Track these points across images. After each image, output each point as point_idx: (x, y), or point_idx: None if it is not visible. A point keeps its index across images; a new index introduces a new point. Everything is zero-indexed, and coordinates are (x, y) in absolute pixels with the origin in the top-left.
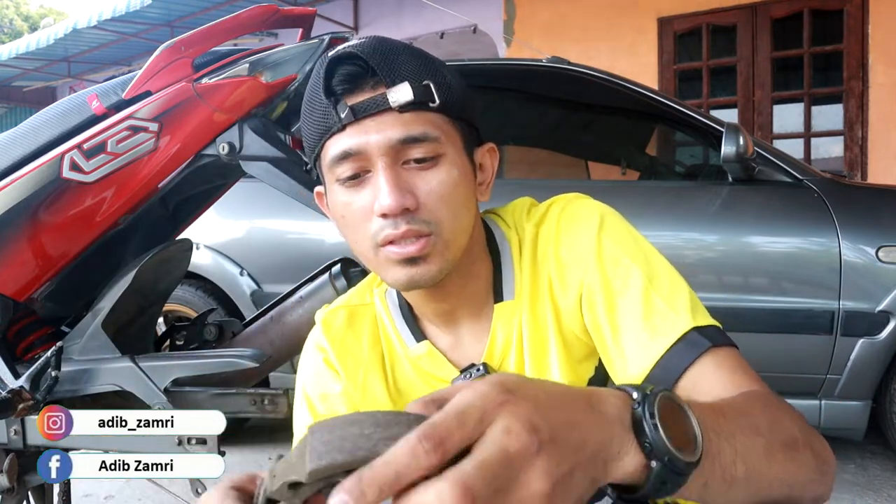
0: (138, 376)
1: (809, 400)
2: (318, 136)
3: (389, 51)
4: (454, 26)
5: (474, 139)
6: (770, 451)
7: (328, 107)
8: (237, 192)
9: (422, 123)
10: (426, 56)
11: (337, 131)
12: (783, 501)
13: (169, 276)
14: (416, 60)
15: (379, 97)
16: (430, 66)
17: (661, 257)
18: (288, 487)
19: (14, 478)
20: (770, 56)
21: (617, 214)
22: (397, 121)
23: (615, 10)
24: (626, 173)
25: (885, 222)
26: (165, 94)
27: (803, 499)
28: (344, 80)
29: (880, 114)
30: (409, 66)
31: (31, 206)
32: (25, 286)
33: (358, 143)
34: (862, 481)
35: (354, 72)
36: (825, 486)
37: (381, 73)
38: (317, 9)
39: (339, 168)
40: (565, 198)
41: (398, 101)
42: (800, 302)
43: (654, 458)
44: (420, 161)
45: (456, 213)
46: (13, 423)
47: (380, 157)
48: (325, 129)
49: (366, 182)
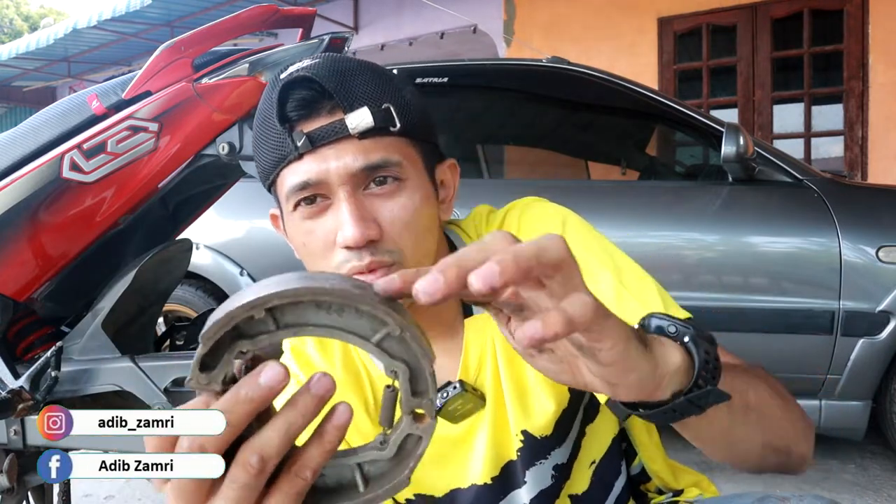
0: (138, 376)
1: (809, 400)
2: (273, 165)
3: (345, 71)
4: (454, 26)
5: (435, 156)
6: (773, 394)
7: (282, 134)
8: (237, 192)
9: (383, 149)
10: (383, 74)
11: (293, 160)
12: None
13: (169, 276)
14: (373, 81)
15: (337, 123)
16: (388, 85)
17: (626, 257)
18: (200, 371)
19: (14, 478)
20: (770, 56)
21: (577, 216)
22: (357, 148)
23: (615, 10)
24: (626, 173)
25: (885, 222)
26: (165, 94)
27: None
28: (298, 105)
29: (880, 114)
30: (366, 88)
31: (31, 206)
32: (25, 286)
33: (317, 172)
34: (862, 481)
35: (309, 96)
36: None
37: (337, 97)
38: (317, 9)
39: (297, 197)
40: (523, 202)
41: (358, 128)
42: (800, 302)
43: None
44: (381, 183)
45: (419, 238)
46: (13, 423)
47: (340, 186)
48: (280, 157)
49: (326, 209)
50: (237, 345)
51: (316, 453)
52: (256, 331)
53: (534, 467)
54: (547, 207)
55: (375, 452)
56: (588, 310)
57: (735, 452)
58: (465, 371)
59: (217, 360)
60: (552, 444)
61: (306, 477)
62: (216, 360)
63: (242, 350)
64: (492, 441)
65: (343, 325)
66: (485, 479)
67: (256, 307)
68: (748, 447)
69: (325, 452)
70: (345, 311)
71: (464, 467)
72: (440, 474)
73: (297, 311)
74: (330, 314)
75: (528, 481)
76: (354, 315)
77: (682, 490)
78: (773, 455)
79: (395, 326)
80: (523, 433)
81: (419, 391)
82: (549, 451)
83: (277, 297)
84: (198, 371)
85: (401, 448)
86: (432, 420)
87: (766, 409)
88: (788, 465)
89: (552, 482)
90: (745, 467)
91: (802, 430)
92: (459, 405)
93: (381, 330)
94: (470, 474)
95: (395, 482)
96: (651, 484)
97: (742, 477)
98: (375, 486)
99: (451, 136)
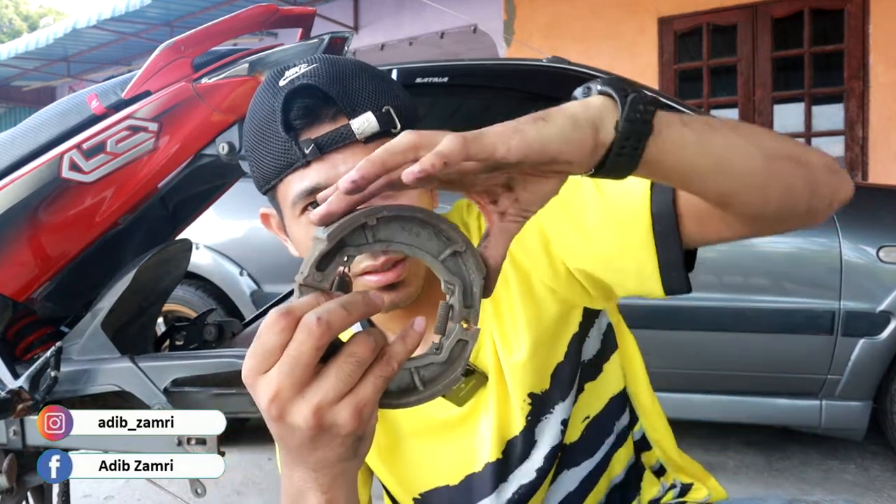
0: (138, 376)
1: (810, 400)
2: (278, 172)
3: (345, 76)
4: (454, 26)
5: None
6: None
7: (288, 142)
8: (237, 192)
9: None
10: (379, 75)
11: (301, 167)
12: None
13: (169, 276)
14: (372, 84)
15: (343, 129)
16: (385, 87)
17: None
18: (317, 270)
19: (13, 478)
20: (770, 56)
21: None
22: (364, 151)
23: (615, 10)
24: None
25: (885, 222)
26: (165, 93)
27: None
28: (303, 113)
29: (881, 114)
30: (366, 92)
31: (31, 206)
32: (25, 286)
33: (326, 177)
34: (862, 481)
35: (312, 104)
36: (842, 180)
37: (340, 103)
38: (317, 9)
39: (306, 202)
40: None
41: (364, 133)
42: (800, 302)
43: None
44: None
45: None
46: (12, 423)
47: None
48: (286, 164)
49: None
50: (345, 251)
51: (401, 349)
52: (358, 241)
53: (541, 422)
54: None
55: (431, 357)
56: (452, 138)
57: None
58: None
59: (329, 263)
60: (554, 398)
61: (394, 366)
62: (327, 263)
63: (346, 258)
64: (497, 417)
65: (419, 245)
66: (496, 455)
67: (370, 216)
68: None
69: (408, 350)
70: (421, 233)
71: (472, 450)
72: (451, 461)
73: (388, 228)
74: (410, 234)
75: (539, 439)
76: (427, 236)
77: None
78: (782, 161)
79: (461, 244)
80: (530, 395)
81: (469, 304)
82: (553, 405)
83: (385, 209)
84: (314, 269)
85: (451, 352)
86: (477, 328)
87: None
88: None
89: (561, 437)
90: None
91: (825, 164)
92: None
93: (447, 249)
94: (480, 455)
95: (448, 380)
96: (651, 455)
97: (742, 476)
98: (431, 385)
99: None
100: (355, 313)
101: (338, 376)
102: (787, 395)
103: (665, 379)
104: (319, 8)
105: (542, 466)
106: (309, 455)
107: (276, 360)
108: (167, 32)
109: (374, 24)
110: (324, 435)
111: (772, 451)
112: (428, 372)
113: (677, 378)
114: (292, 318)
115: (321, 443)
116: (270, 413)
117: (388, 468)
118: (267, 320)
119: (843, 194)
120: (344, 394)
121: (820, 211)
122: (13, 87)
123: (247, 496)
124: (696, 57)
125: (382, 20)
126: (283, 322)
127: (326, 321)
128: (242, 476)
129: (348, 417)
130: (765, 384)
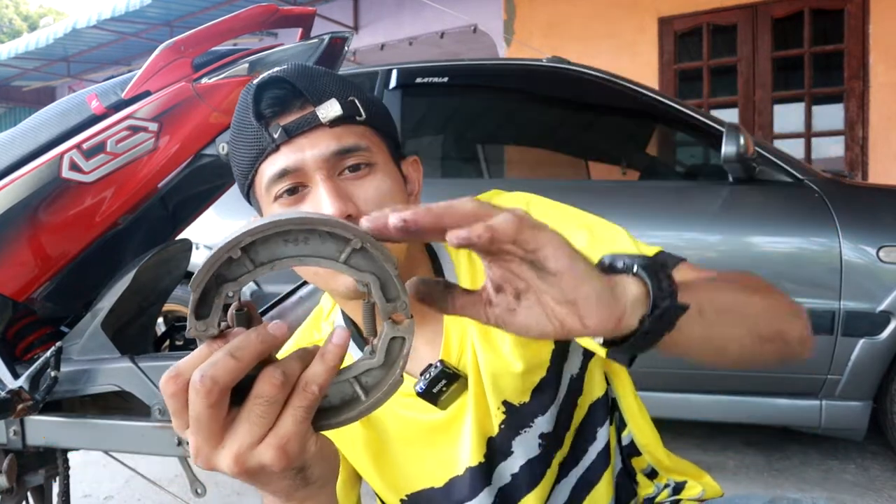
0: (138, 376)
1: (810, 400)
2: (252, 160)
3: (313, 73)
4: (454, 26)
5: (398, 152)
6: (748, 290)
7: (259, 130)
8: (237, 192)
9: (352, 135)
10: (345, 77)
11: (271, 152)
12: (775, 337)
13: (169, 276)
14: (338, 81)
15: (309, 115)
16: (351, 84)
17: (592, 216)
18: (196, 319)
19: (13, 478)
20: (770, 56)
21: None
22: (329, 135)
23: (615, 10)
24: (626, 173)
25: (885, 222)
26: (165, 93)
27: (790, 335)
28: (273, 103)
29: (881, 114)
30: (332, 86)
31: (31, 206)
32: (25, 286)
33: (294, 160)
34: (862, 482)
35: (282, 95)
36: (802, 324)
37: (307, 93)
38: (317, 9)
39: (276, 186)
40: (486, 195)
41: (328, 117)
42: (801, 302)
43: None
44: (354, 170)
45: None
46: (12, 423)
47: (317, 170)
48: (258, 151)
49: (305, 197)
50: (223, 288)
51: (320, 370)
52: (237, 273)
53: (519, 436)
54: (511, 195)
55: (367, 362)
56: (509, 218)
57: (728, 355)
58: (446, 354)
59: (209, 307)
60: (534, 412)
61: (314, 391)
62: (208, 307)
63: (229, 293)
64: (476, 421)
65: (311, 252)
66: (478, 459)
67: (232, 248)
68: (737, 346)
69: (329, 369)
70: (310, 238)
71: (456, 453)
72: (436, 464)
73: (269, 247)
74: (297, 245)
75: (515, 451)
76: (319, 241)
77: (685, 483)
78: (768, 344)
79: (356, 240)
80: (504, 404)
81: (391, 297)
82: (532, 418)
83: (248, 234)
84: (194, 320)
85: (388, 353)
86: (410, 319)
87: (744, 307)
88: (789, 352)
89: (540, 451)
90: (747, 365)
91: (789, 312)
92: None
93: (346, 248)
94: (461, 459)
95: (391, 383)
96: (641, 459)
97: (742, 476)
98: (374, 392)
99: (451, 136)
100: (246, 357)
101: (249, 420)
102: (786, 395)
103: (665, 379)
104: (319, 8)
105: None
106: (264, 488)
107: (186, 421)
108: (167, 32)
109: (374, 24)
110: (258, 476)
111: (772, 451)
112: (370, 379)
113: (677, 378)
114: (181, 380)
115: (262, 481)
116: (199, 465)
117: (376, 471)
118: (160, 384)
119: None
120: (262, 436)
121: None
122: (13, 87)
123: (247, 496)
124: (696, 57)
125: (382, 20)
126: (171, 387)
127: (211, 377)
128: None
129: (273, 457)
130: (765, 384)
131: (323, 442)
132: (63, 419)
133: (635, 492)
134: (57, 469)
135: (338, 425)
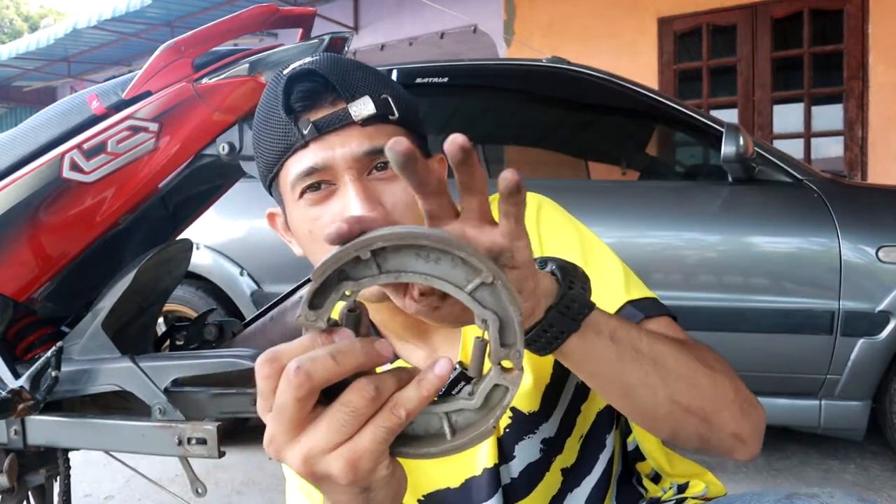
0: (138, 376)
1: (809, 400)
2: (279, 155)
3: (345, 66)
4: (454, 26)
5: (426, 150)
6: (693, 359)
7: (288, 124)
8: (237, 192)
9: (384, 135)
10: (378, 71)
11: (300, 148)
12: (698, 414)
13: (169, 276)
14: (371, 76)
15: (341, 112)
16: (384, 80)
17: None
18: (309, 308)
19: (14, 478)
20: (770, 56)
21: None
22: (361, 134)
23: (615, 10)
24: (626, 173)
25: (885, 222)
26: (165, 94)
27: (719, 421)
28: (303, 96)
29: (880, 114)
30: (365, 81)
31: (31, 206)
32: (25, 286)
33: (324, 158)
34: (862, 481)
35: (313, 88)
36: (747, 427)
37: (339, 88)
38: (317, 9)
39: (303, 183)
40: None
41: (361, 115)
42: (800, 302)
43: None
44: (382, 168)
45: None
46: (13, 423)
47: (346, 170)
48: (285, 146)
49: (332, 196)
50: (342, 286)
51: (414, 395)
52: (361, 274)
53: (522, 442)
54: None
55: (463, 402)
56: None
57: (637, 402)
58: (465, 355)
59: (324, 299)
60: (540, 419)
61: (401, 415)
62: (323, 299)
63: (346, 292)
64: None
65: (439, 274)
66: (493, 461)
67: (363, 248)
68: (650, 398)
69: (422, 397)
70: (441, 259)
71: (473, 453)
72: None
73: (399, 257)
74: (428, 262)
75: (517, 455)
76: (450, 264)
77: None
78: (688, 417)
79: (488, 274)
80: (512, 410)
81: (508, 343)
82: (537, 425)
83: (381, 239)
84: (307, 308)
85: (488, 399)
86: (519, 371)
87: (680, 370)
88: (712, 438)
89: (541, 455)
90: (658, 427)
91: (732, 403)
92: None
93: (475, 279)
94: (479, 459)
95: (480, 431)
96: (646, 465)
97: (742, 476)
98: (461, 434)
99: None
100: (346, 364)
101: (330, 425)
102: (786, 394)
103: None
104: (319, 8)
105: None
106: (326, 496)
107: (270, 406)
108: (167, 33)
109: (374, 25)
110: (322, 482)
111: (771, 450)
112: (461, 418)
113: None
114: (277, 364)
115: (325, 488)
116: (270, 452)
117: None
118: (257, 362)
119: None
120: (338, 443)
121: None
122: (14, 87)
123: (247, 496)
124: (696, 57)
125: (382, 20)
126: (266, 369)
127: (306, 371)
128: (243, 476)
129: (342, 469)
130: (764, 384)
131: (395, 467)
132: (64, 419)
133: (641, 496)
134: (58, 469)
135: (416, 457)
